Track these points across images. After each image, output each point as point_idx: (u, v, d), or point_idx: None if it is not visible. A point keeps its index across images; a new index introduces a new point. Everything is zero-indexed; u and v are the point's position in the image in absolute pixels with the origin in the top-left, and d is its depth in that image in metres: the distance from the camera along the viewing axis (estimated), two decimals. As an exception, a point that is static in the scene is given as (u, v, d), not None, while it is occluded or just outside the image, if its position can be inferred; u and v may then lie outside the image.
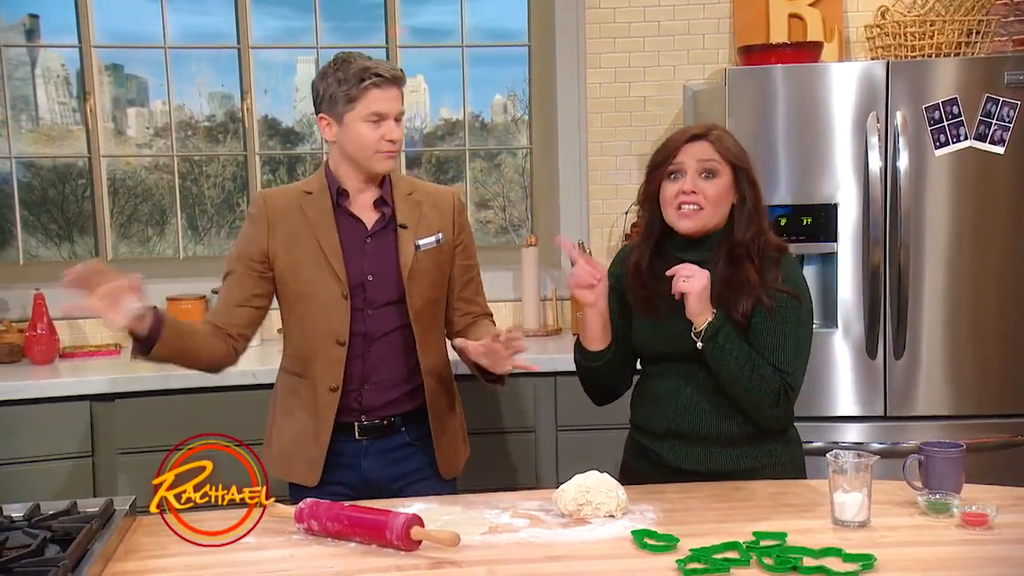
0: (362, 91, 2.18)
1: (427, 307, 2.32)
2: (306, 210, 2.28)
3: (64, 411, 3.04)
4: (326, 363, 2.27)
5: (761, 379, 2.07)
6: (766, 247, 2.15)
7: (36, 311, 3.38)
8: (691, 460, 2.17)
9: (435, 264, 2.32)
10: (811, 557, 1.69)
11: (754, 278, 2.10)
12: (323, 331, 2.27)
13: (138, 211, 3.97)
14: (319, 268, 2.25)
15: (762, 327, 2.11)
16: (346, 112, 2.21)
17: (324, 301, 2.26)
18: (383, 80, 2.19)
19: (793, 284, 2.15)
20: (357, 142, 2.22)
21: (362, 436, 2.31)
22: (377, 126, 2.21)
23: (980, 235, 3.14)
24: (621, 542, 1.81)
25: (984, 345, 3.17)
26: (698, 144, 2.14)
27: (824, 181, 3.12)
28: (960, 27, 3.31)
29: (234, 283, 2.30)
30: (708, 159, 2.13)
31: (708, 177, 2.13)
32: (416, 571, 1.70)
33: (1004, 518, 1.85)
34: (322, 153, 3.98)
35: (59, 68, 3.86)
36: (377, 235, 2.30)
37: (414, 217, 2.31)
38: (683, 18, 3.76)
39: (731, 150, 2.14)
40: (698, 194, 2.12)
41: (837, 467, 1.86)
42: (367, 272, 2.27)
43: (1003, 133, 3.08)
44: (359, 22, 3.99)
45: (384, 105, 2.20)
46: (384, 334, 2.29)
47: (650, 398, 2.24)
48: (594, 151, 3.80)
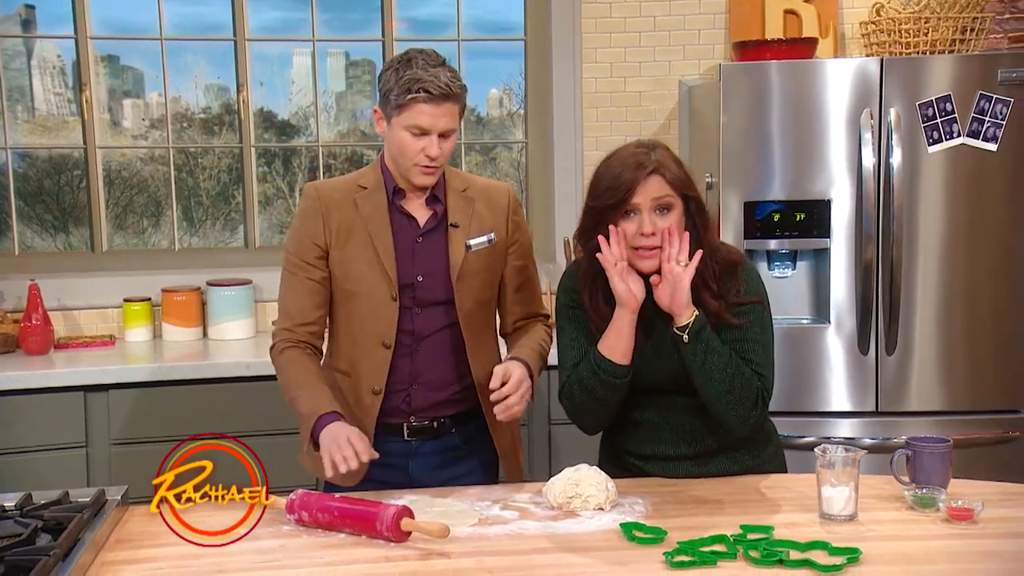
0: (408, 102, 2.09)
1: (477, 308, 2.25)
2: (360, 205, 2.20)
3: (58, 401, 3.05)
4: (370, 365, 2.21)
5: (743, 379, 2.03)
6: (721, 265, 2.10)
7: (31, 302, 3.38)
8: (682, 473, 2.14)
9: (486, 265, 2.25)
10: (797, 550, 1.71)
11: (713, 306, 2.05)
12: (369, 332, 2.21)
13: (133, 202, 3.97)
14: (370, 267, 2.19)
15: (733, 332, 2.08)
16: (393, 115, 2.13)
17: (372, 301, 2.19)
18: (430, 96, 2.08)
19: (755, 292, 2.11)
20: (398, 149, 2.15)
21: (411, 437, 2.25)
22: (418, 139, 2.11)
23: (973, 232, 3.15)
24: (610, 534, 1.82)
25: (976, 341, 3.18)
26: (651, 180, 2.02)
27: (818, 177, 3.13)
28: (955, 24, 3.32)
29: (300, 288, 2.22)
30: (662, 195, 2.03)
31: (662, 213, 2.04)
32: (405, 562, 1.72)
33: (990, 513, 1.86)
34: (317, 146, 3.98)
35: (55, 59, 3.86)
36: (428, 234, 2.23)
37: (466, 215, 2.24)
38: (679, 13, 3.76)
39: (679, 177, 2.05)
40: (656, 234, 2.03)
41: (825, 461, 1.87)
42: (417, 272, 2.20)
43: (996, 130, 3.09)
44: (356, 14, 4.00)
45: (427, 120, 2.10)
46: (432, 333, 2.23)
47: (630, 424, 2.18)
48: (589, 145, 3.81)
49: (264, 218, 3.97)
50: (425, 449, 2.27)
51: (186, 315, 3.57)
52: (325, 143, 4.02)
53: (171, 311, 3.57)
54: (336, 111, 4.13)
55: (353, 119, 4.13)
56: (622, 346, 2.05)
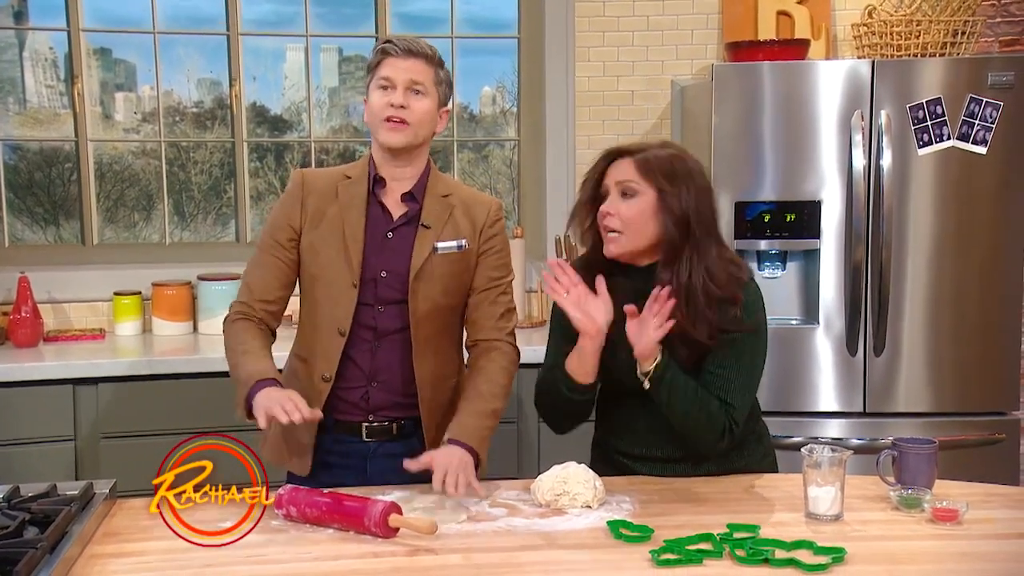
0: (380, 61, 2.16)
1: (434, 313, 2.20)
2: (340, 193, 2.21)
3: (47, 394, 3.04)
4: (324, 351, 2.19)
5: (708, 416, 2.02)
6: (722, 289, 2.02)
7: (20, 294, 3.38)
8: (670, 472, 2.14)
9: (451, 271, 2.20)
10: (783, 549, 1.72)
11: (698, 334, 2.00)
12: (328, 317, 2.19)
13: (124, 196, 3.96)
14: (336, 252, 2.18)
15: (717, 358, 2.05)
16: (370, 84, 2.18)
17: (333, 288, 2.18)
18: (396, 50, 2.14)
19: (753, 319, 2.06)
20: (369, 111, 2.18)
21: (370, 438, 2.23)
22: (385, 92, 2.14)
23: (962, 234, 3.16)
24: (596, 532, 1.83)
25: (964, 343, 3.20)
26: (620, 164, 2.04)
27: (808, 178, 3.14)
28: (946, 27, 3.34)
29: (267, 270, 2.22)
30: (626, 180, 2.02)
31: (626, 197, 2.03)
32: (393, 558, 1.72)
33: (974, 514, 1.87)
34: (310, 141, 3.98)
35: (47, 51, 3.85)
36: (399, 231, 2.21)
37: (441, 220, 2.21)
38: (672, 13, 3.77)
39: (650, 166, 2.00)
40: (615, 216, 2.03)
41: (811, 461, 1.88)
42: (381, 268, 2.19)
43: (986, 134, 3.10)
44: (349, 9, 3.99)
45: (392, 72, 2.14)
46: (392, 332, 2.20)
47: (617, 422, 2.18)
48: (582, 144, 3.82)
49: (255, 213, 3.96)
50: (383, 451, 2.23)
51: (176, 309, 3.57)
52: (317, 138, 4.01)
53: (161, 305, 3.56)
54: (329, 107, 4.12)
55: (346, 115, 4.12)
56: (585, 367, 2.04)
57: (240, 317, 2.21)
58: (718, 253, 2.05)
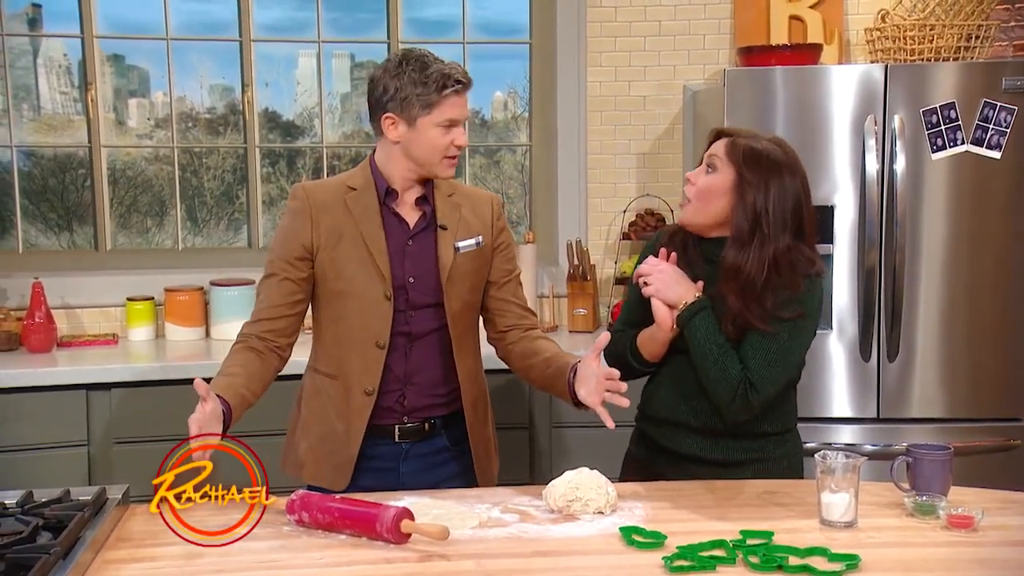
0: (442, 98, 2.13)
1: (464, 310, 2.27)
2: (351, 206, 2.20)
3: (60, 400, 3.05)
4: (362, 365, 2.21)
5: (722, 372, 2.07)
6: (784, 278, 2.08)
7: (34, 300, 3.39)
8: (686, 446, 2.21)
9: (473, 268, 2.27)
10: (796, 556, 1.71)
11: (737, 307, 2.07)
12: (361, 332, 2.20)
13: (138, 202, 3.98)
14: (363, 267, 2.18)
15: (757, 331, 2.08)
16: (420, 116, 2.13)
17: (365, 301, 2.19)
18: (463, 87, 2.16)
19: (803, 307, 2.10)
20: (427, 146, 2.16)
21: (402, 439, 2.26)
22: (448, 131, 2.16)
23: (975, 239, 3.15)
24: (609, 538, 1.82)
25: (978, 349, 3.18)
26: (718, 143, 2.16)
27: (821, 183, 3.13)
28: (960, 31, 3.32)
29: (276, 288, 2.22)
30: (713, 154, 2.14)
31: (708, 171, 2.14)
32: (405, 564, 1.72)
33: (990, 521, 1.86)
34: (322, 147, 3.99)
35: (61, 58, 3.87)
36: (418, 236, 2.24)
37: (453, 219, 2.26)
38: (684, 18, 3.77)
39: (738, 152, 2.09)
40: (691, 183, 2.15)
41: (825, 467, 1.88)
42: (408, 274, 2.21)
43: (1000, 138, 3.09)
44: (362, 15, 4.00)
45: (459, 112, 2.16)
46: (425, 334, 2.24)
47: (655, 384, 2.27)
48: (593, 149, 3.81)
49: (268, 219, 3.97)
50: (416, 451, 2.28)
51: (189, 315, 3.58)
52: (329, 144, 4.02)
53: (174, 311, 3.58)
54: (341, 112, 4.13)
55: (357, 120, 4.13)
56: (654, 349, 2.19)
57: (240, 343, 2.23)
58: (791, 246, 2.10)
